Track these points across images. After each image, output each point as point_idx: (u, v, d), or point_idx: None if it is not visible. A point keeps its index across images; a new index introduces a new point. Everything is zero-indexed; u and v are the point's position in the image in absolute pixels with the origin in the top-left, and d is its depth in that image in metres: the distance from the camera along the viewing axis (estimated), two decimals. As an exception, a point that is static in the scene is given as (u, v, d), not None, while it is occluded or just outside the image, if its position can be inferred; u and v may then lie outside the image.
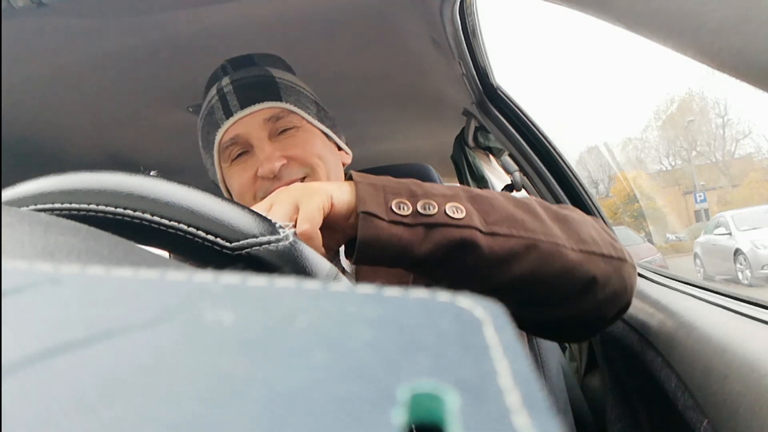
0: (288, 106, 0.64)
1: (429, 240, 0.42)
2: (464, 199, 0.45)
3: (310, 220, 0.40)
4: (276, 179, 0.60)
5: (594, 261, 0.47)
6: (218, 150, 0.65)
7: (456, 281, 0.45)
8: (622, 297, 0.50)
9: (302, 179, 0.62)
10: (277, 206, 0.41)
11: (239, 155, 0.64)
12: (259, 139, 0.62)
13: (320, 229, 0.41)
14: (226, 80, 0.66)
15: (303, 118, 0.64)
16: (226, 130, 0.63)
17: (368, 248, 0.42)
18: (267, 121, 0.62)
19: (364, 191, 0.43)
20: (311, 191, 0.42)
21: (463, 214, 0.43)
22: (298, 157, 0.62)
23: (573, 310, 0.49)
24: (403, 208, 0.43)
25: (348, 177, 0.47)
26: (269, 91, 0.64)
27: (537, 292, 0.47)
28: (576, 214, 0.52)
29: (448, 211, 0.43)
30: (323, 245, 0.42)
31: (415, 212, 0.43)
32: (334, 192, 0.43)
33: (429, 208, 0.43)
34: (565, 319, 0.51)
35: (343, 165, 0.69)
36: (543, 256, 0.45)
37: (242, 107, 0.63)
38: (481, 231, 0.43)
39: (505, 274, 0.45)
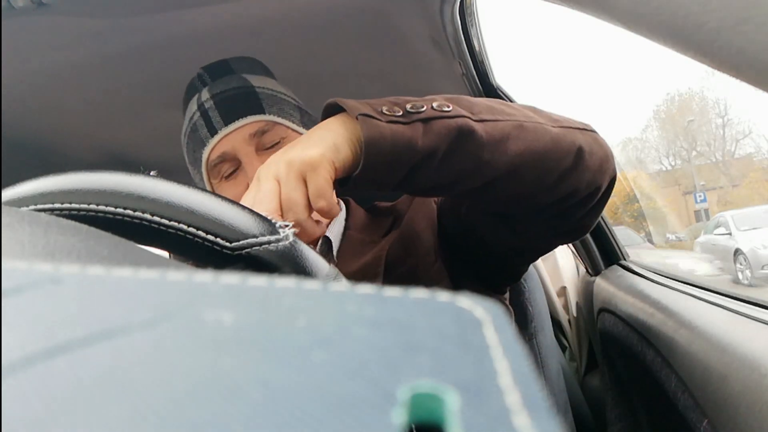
0: (272, 117, 0.64)
1: (429, 132, 0.44)
2: (444, 100, 0.47)
3: (323, 196, 0.41)
4: None
5: (573, 133, 0.51)
6: (207, 168, 0.65)
7: (463, 174, 0.46)
8: (607, 163, 0.53)
9: None
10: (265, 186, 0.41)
11: (230, 174, 0.64)
12: (247, 155, 0.62)
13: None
14: (205, 94, 0.66)
15: (288, 127, 0.65)
16: (213, 147, 0.64)
17: (374, 147, 0.42)
18: (253, 136, 0.63)
19: (351, 107, 0.44)
20: (310, 164, 0.41)
21: (451, 108, 0.46)
22: None
23: (572, 183, 0.51)
24: (395, 111, 0.44)
25: (325, 112, 0.48)
26: (251, 104, 0.64)
27: (537, 169, 0.49)
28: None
29: (435, 107, 0.45)
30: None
31: (407, 112, 0.44)
32: (333, 155, 0.42)
33: (418, 108, 0.45)
34: (569, 201, 0.53)
35: None
36: (531, 134, 0.48)
37: (226, 123, 0.63)
38: (471, 119, 0.46)
39: (506, 154, 0.47)
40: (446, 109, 0.45)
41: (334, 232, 0.67)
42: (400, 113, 0.44)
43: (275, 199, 0.41)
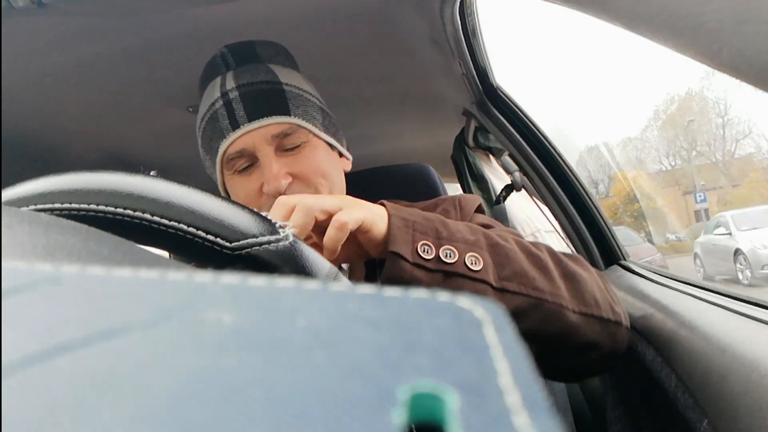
0: (296, 120, 0.63)
1: (445, 287, 0.45)
2: (484, 248, 0.48)
3: (350, 221, 0.43)
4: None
5: (592, 325, 0.50)
6: (222, 159, 0.65)
7: None
8: (611, 358, 0.54)
9: None
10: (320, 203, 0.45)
11: (244, 168, 0.64)
12: (266, 155, 0.62)
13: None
14: (230, 81, 0.64)
15: (310, 131, 0.64)
16: (232, 142, 0.63)
17: (389, 282, 0.45)
18: (275, 137, 0.62)
19: (396, 228, 0.46)
20: (357, 204, 0.46)
21: (480, 266, 0.46)
22: (303, 176, 0.62)
23: (561, 364, 0.53)
24: (427, 252, 0.46)
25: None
26: (278, 103, 0.63)
27: (531, 347, 0.49)
28: (584, 270, 0.53)
29: (467, 261, 0.46)
30: (343, 257, 0.47)
31: (437, 258, 0.46)
32: (375, 218, 0.46)
33: (450, 256, 0.46)
34: (552, 367, 0.54)
35: (344, 172, 0.70)
36: (546, 316, 0.48)
37: (250, 120, 0.62)
38: (492, 286, 0.46)
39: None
40: (475, 268, 0.46)
41: None
42: (431, 256, 0.46)
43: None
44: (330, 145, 0.67)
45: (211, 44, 0.77)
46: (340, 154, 0.70)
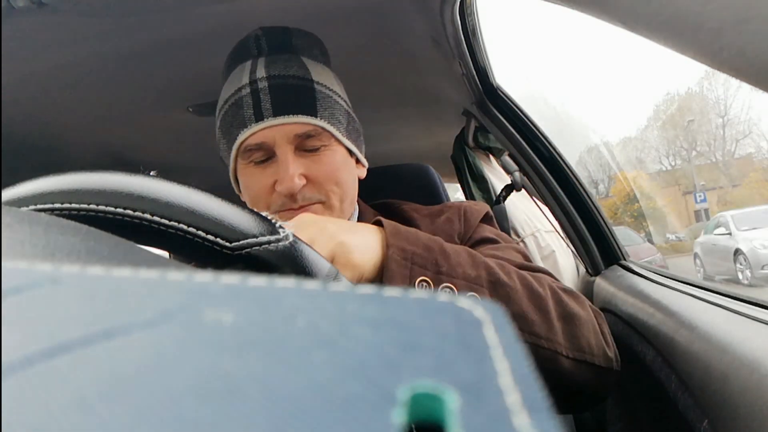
0: (322, 123, 0.61)
1: None
2: (485, 285, 0.47)
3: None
4: (291, 199, 0.61)
5: (584, 371, 0.50)
6: (239, 148, 0.63)
7: None
8: (597, 401, 0.54)
9: (315, 203, 0.62)
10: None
11: (261, 161, 0.63)
12: (284, 153, 0.61)
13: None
14: (261, 70, 0.62)
15: (332, 135, 0.63)
16: (253, 133, 0.61)
17: None
18: (297, 136, 0.61)
19: (394, 261, 0.45)
20: (338, 235, 0.44)
21: None
22: (317, 181, 0.62)
23: None
24: (425, 288, 0.45)
25: (376, 221, 0.50)
26: (306, 102, 0.61)
27: None
28: (582, 309, 0.53)
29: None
30: None
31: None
32: (351, 253, 0.44)
33: (449, 286, 0.46)
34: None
35: (358, 178, 0.69)
36: (539, 360, 0.47)
37: (275, 114, 0.60)
38: None
39: None
40: None
41: None
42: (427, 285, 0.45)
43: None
44: (349, 150, 0.66)
45: (212, 44, 0.77)
46: (357, 160, 0.69)
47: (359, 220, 0.70)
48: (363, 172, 0.71)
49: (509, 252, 0.63)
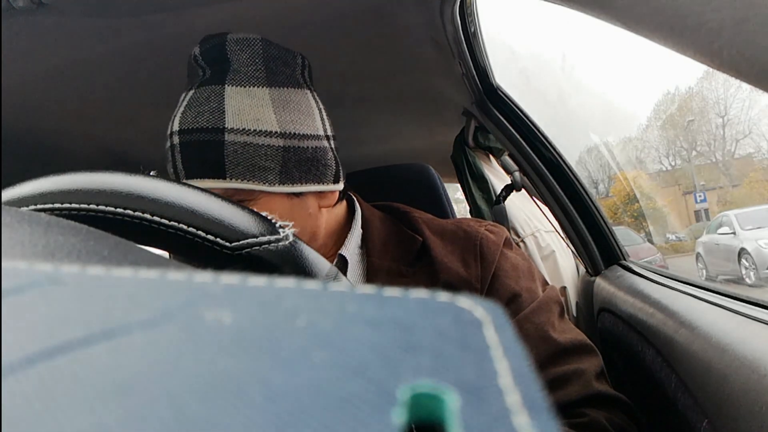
0: (232, 184, 0.54)
1: None
2: None
3: None
4: None
5: None
6: None
7: None
8: None
9: None
10: None
11: None
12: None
13: None
14: (176, 122, 0.58)
15: (254, 191, 0.55)
16: None
17: None
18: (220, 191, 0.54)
19: None
20: None
21: None
22: None
23: None
24: None
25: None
26: (213, 164, 0.54)
27: None
28: None
29: None
30: None
31: None
32: None
33: None
34: None
35: (327, 207, 0.61)
36: None
37: (187, 177, 0.56)
38: None
39: None
40: None
41: (350, 249, 0.62)
42: None
43: None
44: (296, 192, 0.57)
45: (211, 44, 0.76)
46: (320, 192, 0.60)
47: (363, 224, 0.66)
48: (332, 199, 0.61)
49: (536, 297, 0.58)
